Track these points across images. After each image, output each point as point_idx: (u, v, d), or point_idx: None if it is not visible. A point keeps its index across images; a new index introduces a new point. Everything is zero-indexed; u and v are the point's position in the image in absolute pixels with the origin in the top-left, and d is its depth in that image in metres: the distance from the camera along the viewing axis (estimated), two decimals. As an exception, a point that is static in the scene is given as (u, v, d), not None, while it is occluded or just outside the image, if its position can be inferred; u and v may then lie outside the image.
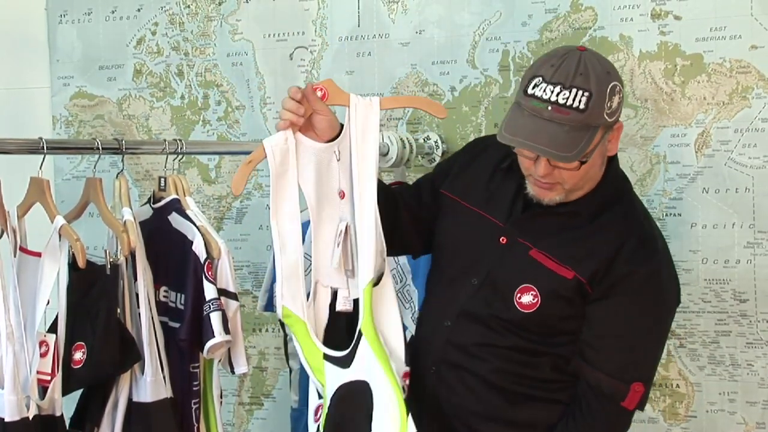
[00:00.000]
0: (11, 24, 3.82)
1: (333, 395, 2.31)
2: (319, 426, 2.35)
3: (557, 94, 2.21)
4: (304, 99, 2.32)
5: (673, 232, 3.06)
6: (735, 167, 3.00)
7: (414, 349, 2.55)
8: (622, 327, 2.35)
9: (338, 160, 2.37)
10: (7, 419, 2.20)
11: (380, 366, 2.28)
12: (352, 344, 2.31)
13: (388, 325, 2.36)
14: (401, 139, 3.15)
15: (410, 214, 2.60)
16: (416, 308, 2.95)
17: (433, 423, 2.42)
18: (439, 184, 2.61)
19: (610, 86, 2.24)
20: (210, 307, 2.42)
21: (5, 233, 2.33)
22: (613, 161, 2.43)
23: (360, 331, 2.31)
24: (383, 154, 3.09)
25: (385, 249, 2.38)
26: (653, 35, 3.06)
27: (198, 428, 2.54)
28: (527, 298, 2.36)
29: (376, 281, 2.35)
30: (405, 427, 2.25)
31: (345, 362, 2.32)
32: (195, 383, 2.53)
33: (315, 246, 2.38)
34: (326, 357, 2.33)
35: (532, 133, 2.24)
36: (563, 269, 2.34)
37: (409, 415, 2.26)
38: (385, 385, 2.27)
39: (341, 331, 2.38)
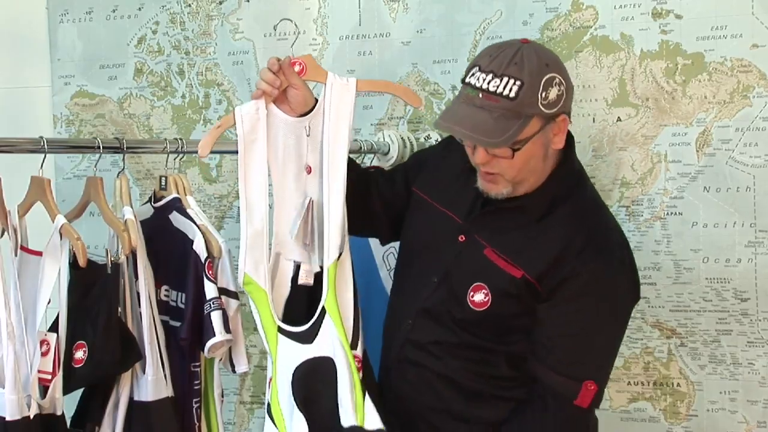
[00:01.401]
0: (12, 23, 3.82)
1: (296, 371, 2.33)
2: (268, 397, 2.37)
3: (488, 82, 2.25)
4: (281, 72, 2.35)
5: (674, 231, 3.07)
6: (736, 166, 3.01)
7: (383, 345, 2.60)
8: (572, 325, 2.35)
9: (308, 136, 2.40)
10: (8, 418, 2.20)
11: (341, 345, 2.31)
12: (314, 320, 2.34)
13: (343, 304, 2.37)
14: (402, 138, 3.17)
15: (382, 199, 2.65)
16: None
17: (396, 419, 2.43)
18: (413, 178, 2.63)
19: (546, 77, 2.25)
20: (211, 306, 2.42)
21: (6, 232, 2.33)
22: (567, 159, 2.43)
23: (324, 307, 2.33)
24: (384, 153, 3.11)
25: (347, 227, 2.40)
26: (654, 34, 3.07)
27: (199, 427, 2.54)
28: (479, 297, 2.38)
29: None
30: (361, 409, 2.28)
31: (305, 338, 2.34)
32: (196, 382, 2.53)
33: (277, 219, 2.41)
34: (281, 330, 2.35)
35: (462, 118, 2.29)
36: (512, 268, 2.35)
37: (365, 396, 2.29)
38: (345, 365, 2.30)
39: (301, 304, 2.40)
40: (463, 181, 2.49)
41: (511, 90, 2.23)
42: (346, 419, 2.27)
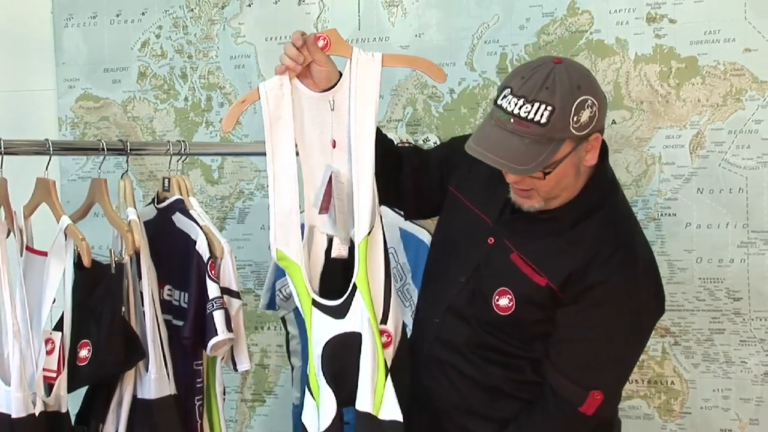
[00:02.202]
0: (18, 28, 3.85)
1: (326, 345, 2.32)
2: (307, 369, 2.37)
3: (520, 108, 2.21)
4: (305, 47, 2.33)
5: (668, 231, 3.11)
6: (729, 168, 3.05)
7: (411, 343, 2.57)
8: (587, 333, 2.34)
9: (332, 110, 2.38)
10: (13, 416, 2.22)
11: (369, 323, 2.31)
12: (346, 296, 2.33)
13: (373, 279, 2.36)
14: (401, 140, 3.19)
15: (414, 179, 2.62)
16: (415, 306, 2.98)
17: (421, 415, 2.45)
18: (448, 174, 2.61)
19: (578, 101, 2.21)
20: (213, 306, 2.45)
21: (12, 233, 2.35)
22: (600, 169, 2.40)
23: (355, 284, 2.32)
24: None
25: (378, 202, 2.37)
26: (648, 38, 3.11)
27: (201, 425, 2.57)
28: (504, 301, 2.38)
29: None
30: (380, 394, 2.28)
31: (338, 313, 2.33)
32: (198, 380, 2.56)
33: (307, 193, 2.39)
34: (315, 303, 2.34)
35: (494, 144, 2.25)
36: (537, 276, 2.35)
37: (387, 380, 2.29)
38: (370, 344, 2.30)
39: (337, 277, 2.38)
40: (497, 182, 2.45)
41: (542, 116, 2.19)
42: (362, 403, 2.28)
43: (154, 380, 2.44)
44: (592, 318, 2.34)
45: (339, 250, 2.40)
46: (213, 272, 2.47)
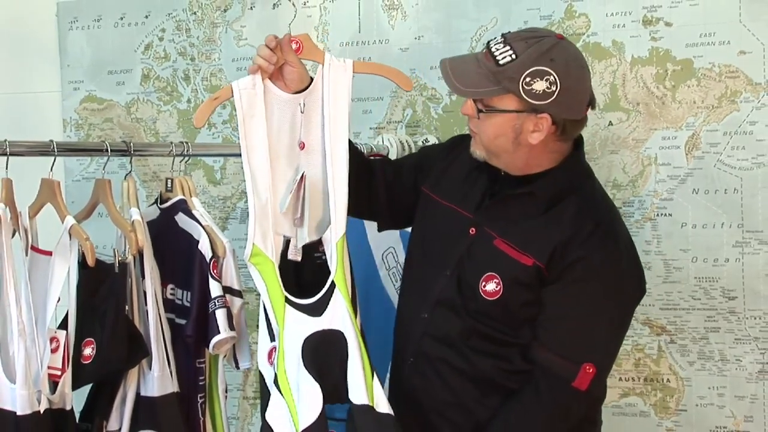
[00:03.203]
0: (23, 30, 3.88)
1: (306, 342, 2.34)
2: (275, 368, 2.37)
3: (496, 44, 2.33)
4: (278, 48, 2.40)
5: (664, 231, 3.14)
6: (724, 169, 3.07)
7: (393, 340, 2.62)
8: (574, 308, 2.36)
9: (302, 113, 2.44)
10: (19, 413, 2.24)
11: (350, 320, 2.35)
12: (323, 294, 2.37)
13: (347, 278, 2.41)
14: (400, 141, 3.22)
15: (387, 188, 2.68)
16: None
17: (409, 413, 2.46)
18: (422, 179, 2.64)
19: (540, 67, 2.27)
20: (215, 305, 2.47)
21: (17, 233, 2.37)
22: (575, 156, 2.45)
23: (333, 282, 2.37)
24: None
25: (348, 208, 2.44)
26: (645, 41, 3.13)
27: (203, 422, 2.59)
28: (491, 286, 2.40)
29: None
30: (371, 389, 2.31)
31: (314, 310, 2.37)
32: (201, 378, 2.58)
33: (273, 193, 2.43)
34: (288, 302, 2.37)
35: (459, 62, 2.41)
36: (524, 257, 2.38)
37: (374, 376, 2.33)
38: (355, 341, 2.34)
39: (289, 278, 2.43)
40: (472, 179, 2.52)
41: (503, 58, 2.29)
42: (358, 397, 2.30)
43: (157, 378, 2.45)
44: (577, 294, 2.37)
45: (294, 254, 2.45)
46: (215, 271, 2.49)
